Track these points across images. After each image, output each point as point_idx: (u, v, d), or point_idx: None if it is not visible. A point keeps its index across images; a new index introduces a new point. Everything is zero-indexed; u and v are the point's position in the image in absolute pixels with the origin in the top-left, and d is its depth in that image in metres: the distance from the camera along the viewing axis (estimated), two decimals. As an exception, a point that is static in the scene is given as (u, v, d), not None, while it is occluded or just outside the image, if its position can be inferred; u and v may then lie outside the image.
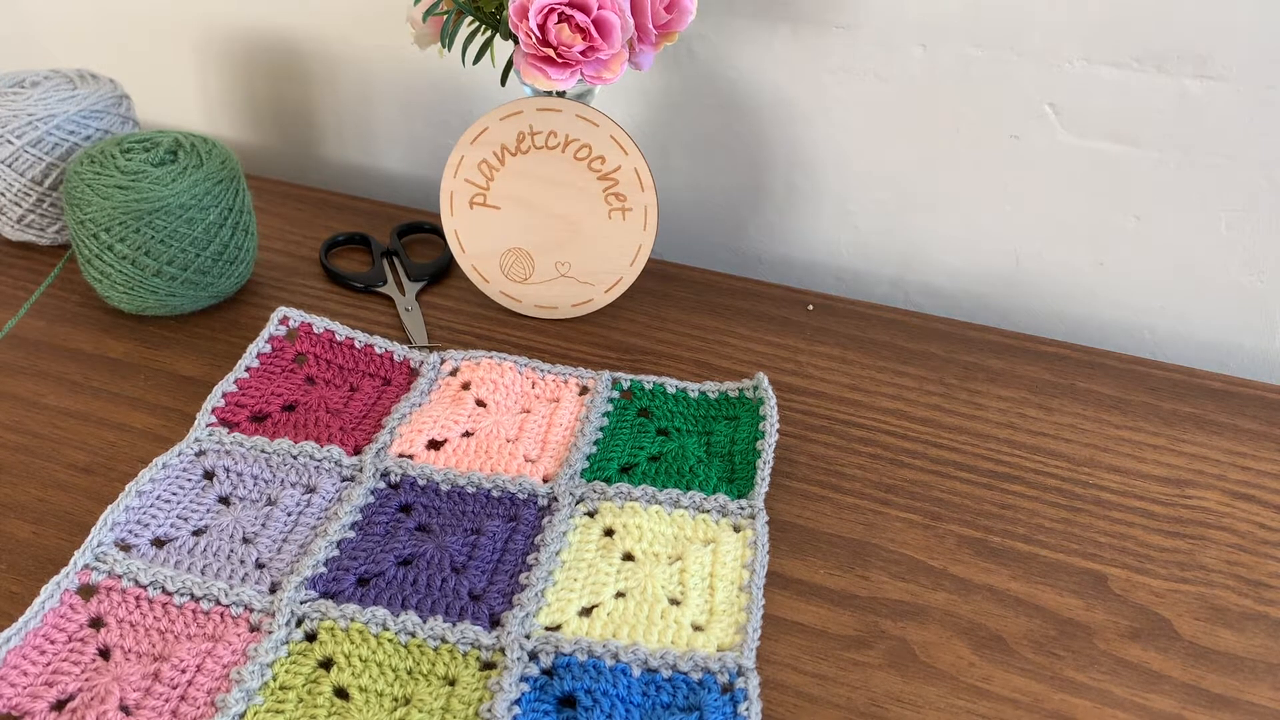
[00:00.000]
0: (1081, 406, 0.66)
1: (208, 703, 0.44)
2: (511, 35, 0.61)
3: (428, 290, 0.74)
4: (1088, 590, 0.53)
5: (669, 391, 0.63)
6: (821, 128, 0.76)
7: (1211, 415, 0.66)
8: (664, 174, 0.82)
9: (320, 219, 0.82)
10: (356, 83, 0.88)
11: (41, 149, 0.71)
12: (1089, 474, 0.61)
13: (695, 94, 0.78)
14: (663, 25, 0.62)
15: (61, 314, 0.70)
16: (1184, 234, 0.71)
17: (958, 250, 0.78)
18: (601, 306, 0.71)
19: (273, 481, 0.56)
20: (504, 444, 0.59)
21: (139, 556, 0.51)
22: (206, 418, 0.59)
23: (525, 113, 0.65)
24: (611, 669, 0.47)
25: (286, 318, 0.66)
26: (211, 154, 0.68)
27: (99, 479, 0.57)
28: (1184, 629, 0.52)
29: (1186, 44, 0.65)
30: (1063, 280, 0.76)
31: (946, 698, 0.48)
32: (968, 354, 0.70)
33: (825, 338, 0.71)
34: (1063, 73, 0.68)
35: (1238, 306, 0.73)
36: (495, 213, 0.69)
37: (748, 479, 0.57)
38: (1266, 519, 0.58)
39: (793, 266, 0.83)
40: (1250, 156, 0.67)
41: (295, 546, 0.52)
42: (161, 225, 0.64)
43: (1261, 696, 0.49)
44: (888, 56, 0.72)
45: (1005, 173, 0.73)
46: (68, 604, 0.48)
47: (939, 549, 0.55)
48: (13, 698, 0.44)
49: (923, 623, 0.51)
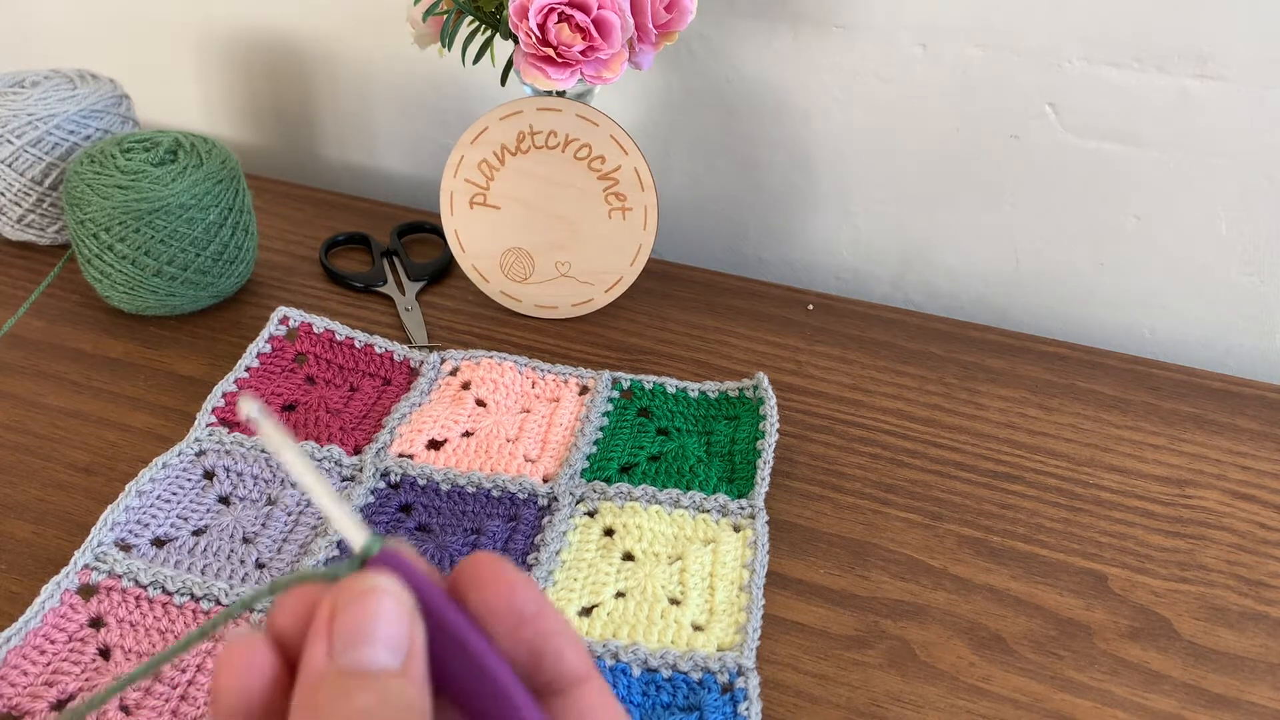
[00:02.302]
0: (1082, 406, 0.66)
1: (209, 702, 0.44)
2: (511, 35, 0.61)
3: (428, 290, 0.74)
4: (1088, 590, 0.53)
5: (669, 391, 0.63)
6: (821, 128, 0.76)
7: (1211, 415, 0.66)
8: (664, 174, 0.82)
9: (320, 219, 0.82)
10: (356, 83, 0.88)
11: (41, 149, 0.71)
12: (1089, 474, 0.61)
13: (695, 94, 0.78)
14: (663, 25, 0.62)
15: (61, 314, 0.70)
16: (1184, 234, 0.72)
17: (958, 250, 0.78)
18: (601, 306, 0.71)
19: (273, 481, 0.56)
20: (504, 444, 0.59)
21: (139, 556, 0.51)
22: (206, 418, 0.59)
23: (525, 112, 0.65)
24: (611, 669, 0.47)
25: (286, 317, 0.66)
26: (211, 154, 0.68)
27: (99, 479, 0.57)
28: (1184, 629, 0.52)
29: (1186, 44, 0.65)
30: (1063, 280, 0.76)
31: (946, 698, 0.48)
32: (968, 354, 0.70)
33: (825, 338, 0.71)
34: (1063, 73, 0.68)
35: (1238, 306, 0.73)
36: (495, 212, 0.69)
37: (748, 479, 0.57)
38: (1267, 518, 0.58)
39: (793, 266, 0.83)
40: (1250, 156, 0.67)
41: (296, 546, 0.52)
42: (161, 225, 0.64)
43: (1261, 696, 0.49)
44: (888, 56, 0.72)
45: (1005, 173, 0.73)
46: (68, 604, 0.48)
47: (939, 549, 0.55)
48: (13, 698, 0.44)
49: (923, 622, 0.51)
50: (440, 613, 0.22)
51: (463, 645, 0.22)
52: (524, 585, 0.23)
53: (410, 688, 0.21)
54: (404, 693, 0.21)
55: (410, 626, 0.21)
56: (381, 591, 0.21)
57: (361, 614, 0.21)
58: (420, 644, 0.21)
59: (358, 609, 0.21)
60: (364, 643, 0.21)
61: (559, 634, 0.23)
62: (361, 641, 0.21)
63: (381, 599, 0.21)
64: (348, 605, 0.21)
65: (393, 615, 0.21)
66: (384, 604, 0.21)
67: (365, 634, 0.21)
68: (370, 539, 0.23)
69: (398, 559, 0.22)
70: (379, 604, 0.21)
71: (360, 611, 0.21)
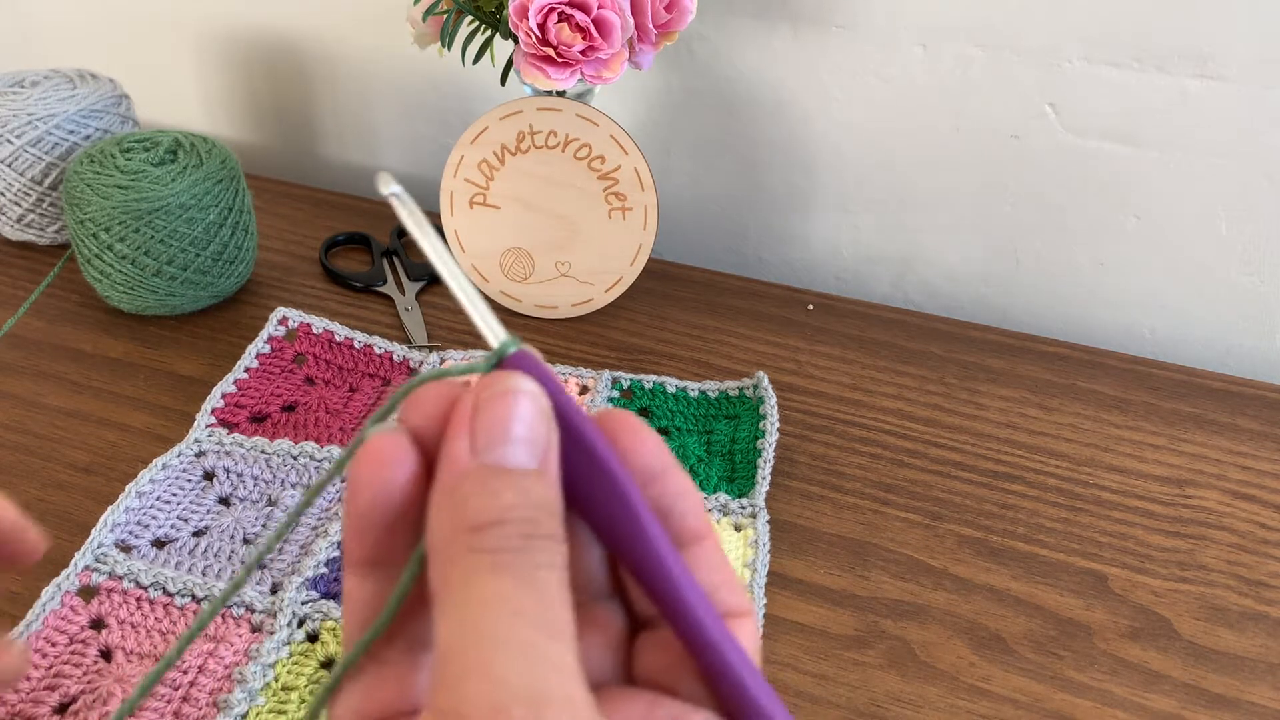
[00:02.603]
0: (1082, 406, 0.66)
1: (210, 703, 0.45)
2: (511, 34, 0.61)
3: (428, 290, 0.74)
4: (1088, 590, 0.54)
5: (669, 391, 0.63)
6: (821, 128, 0.76)
7: (1212, 415, 0.66)
8: (664, 174, 0.82)
9: (320, 218, 0.82)
10: (356, 83, 0.88)
11: (41, 148, 0.71)
12: (1089, 474, 0.61)
13: (695, 94, 0.78)
14: (663, 25, 0.62)
15: (61, 314, 0.70)
16: (1184, 234, 0.72)
17: (958, 250, 0.78)
18: (601, 306, 0.71)
19: (273, 482, 0.56)
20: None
21: (140, 557, 0.51)
22: (206, 418, 0.59)
23: (525, 112, 0.65)
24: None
25: (285, 318, 0.66)
26: (211, 154, 0.68)
27: (99, 479, 0.57)
28: (1184, 629, 0.52)
29: (1186, 44, 0.65)
30: (1063, 280, 0.76)
31: (946, 698, 0.48)
32: (968, 354, 0.70)
33: (825, 337, 0.71)
34: (1063, 73, 0.68)
35: (1238, 306, 0.73)
36: (495, 212, 0.69)
37: (748, 478, 0.57)
38: (1267, 518, 0.58)
39: (793, 266, 0.83)
40: (1250, 156, 0.67)
41: (296, 547, 0.52)
42: (161, 225, 0.64)
43: (1262, 696, 0.49)
44: (888, 56, 0.72)
45: (1005, 173, 0.73)
46: (69, 606, 0.48)
47: (939, 549, 0.55)
48: (16, 704, 0.44)
49: (923, 622, 0.51)
50: (571, 420, 0.22)
51: (591, 454, 0.22)
52: (656, 443, 0.24)
53: (547, 489, 0.21)
54: (542, 493, 0.21)
55: (547, 429, 0.22)
56: (521, 392, 0.22)
57: (503, 412, 0.21)
58: (555, 447, 0.22)
59: (499, 407, 0.21)
60: (505, 441, 0.21)
61: (685, 494, 0.24)
62: (503, 439, 0.21)
63: (521, 399, 0.22)
64: (489, 403, 0.22)
65: (531, 416, 0.22)
66: (523, 404, 0.22)
67: (506, 432, 0.21)
68: (508, 338, 0.23)
69: (532, 361, 0.23)
70: (519, 404, 0.22)
71: (501, 409, 0.21)
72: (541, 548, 0.21)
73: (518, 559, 0.20)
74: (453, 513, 0.21)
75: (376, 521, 0.22)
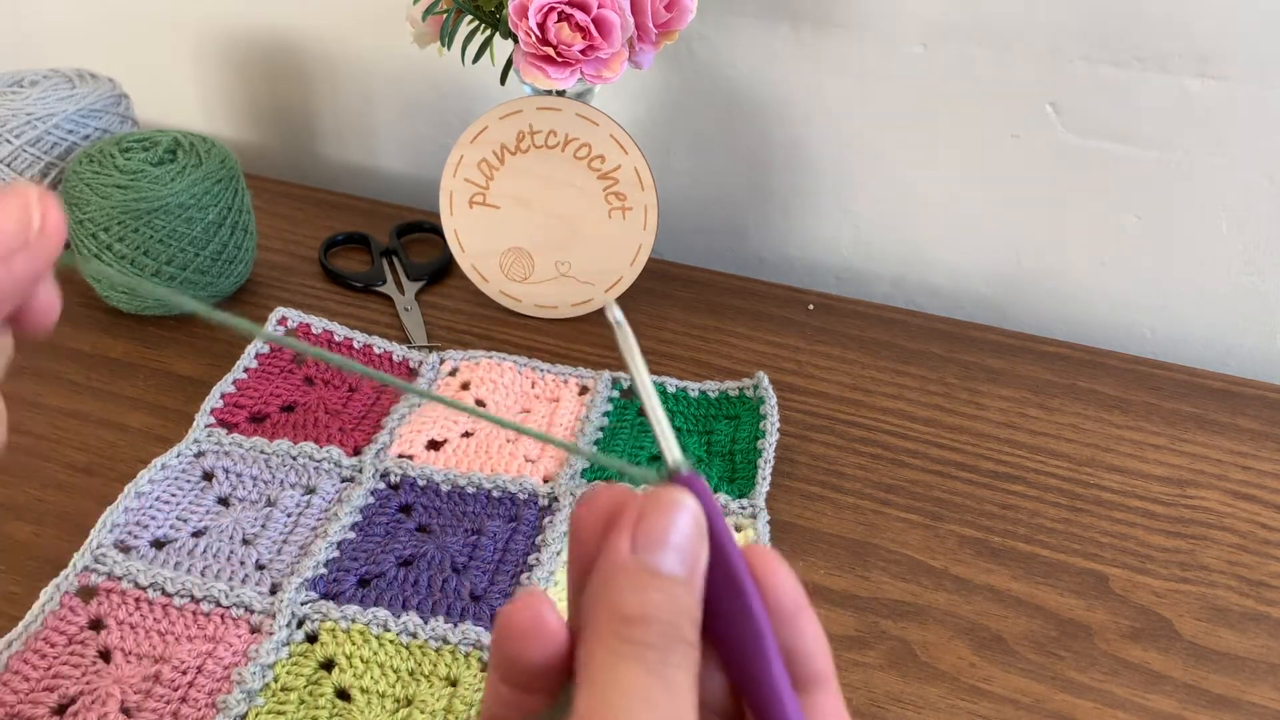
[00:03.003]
0: (1082, 406, 0.66)
1: (209, 704, 0.44)
2: (511, 34, 0.61)
3: (427, 290, 0.74)
4: (1089, 590, 0.53)
5: (669, 391, 0.63)
6: (821, 128, 0.76)
7: (1212, 415, 0.66)
8: (664, 174, 0.82)
9: (320, 218, 0.82)
10: (356, 83, 0.88)
11: (40, 148, 0.71)
12: (1090, 474, 0.61)
13: (695, 93, 0.78)
14: (663, 24, 0.62)
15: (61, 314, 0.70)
16: (1184, 234, 0.71)
17: (958, 250, 0.78)
18: (601, 306, 0.71)
19: (272, 482, 0.56)
20: (504, 444, 0.59)
21: (138, 558, 0.51)
22: (205, 419, 0.59)
23: (525, 112, 0.65)
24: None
25: (285, 318, 0.66)
26: (210, 153, 0.68)
27: (98, 479, 0.57)
28: (1185, 629, 0.52)
29: (1187, 44, 0.65)
30: (1063, 280, 0.76)
31: (947, 698, 0.48)
32: (968, 354, 0.70)
33: (825, 337, 0.71)
34: (1063, 73, 0.68)
35: (1238, 306, 0.73)
36: (495, 212, 0.69)
37: (749, 478, 0.57)
38: (1268, 519, 0.58)
39: (793, 266, 0.83)
40: (1250, 156, 0.67)
41: (295, 548, 0.52)
42: (160, 225, 0.64)
43: (1262, 697, 0.49)
44: (888, 56, 0.72)
45: (1005, 173, 0.73)
46: (67, 606, 0.48)
47: (939, 549, 0.55)
48: (15, 705, 0.44)
49: (923, 623, 0.51)
50: (722, 544, 0.24)
51: (735, 583, 0.24)
52: (794, 583, 0.25)
53: (690, 597, 0.23)
54: (686, 600, 0.23)
55: (700, 544, 0.24)
56: (684, 506, 0.24)
57: (665, 520, 0.24)
58: (703, 562, 0.24)
59: (663, 515, 0.24)
60: (662, 546, 0.23)
61: (815, 637, 0.26)
62: (660, 544, 0.23)
63: (682, 513, 0.24)
64: (654, 510, 0.24)
65: (688, 530, 0.24)
66: (684, 517, 0.24)
67: (664, 538, 0.24)
68: (683, 458, 0.25)
69: (699, 484, 0.25)
70: (680, 516, 0.24)
71: (664, 518, 0.24)
72: (678, 649, 0.23)
73: (656, 655, 0.22)
74: (606, 600, 0.23)
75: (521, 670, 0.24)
